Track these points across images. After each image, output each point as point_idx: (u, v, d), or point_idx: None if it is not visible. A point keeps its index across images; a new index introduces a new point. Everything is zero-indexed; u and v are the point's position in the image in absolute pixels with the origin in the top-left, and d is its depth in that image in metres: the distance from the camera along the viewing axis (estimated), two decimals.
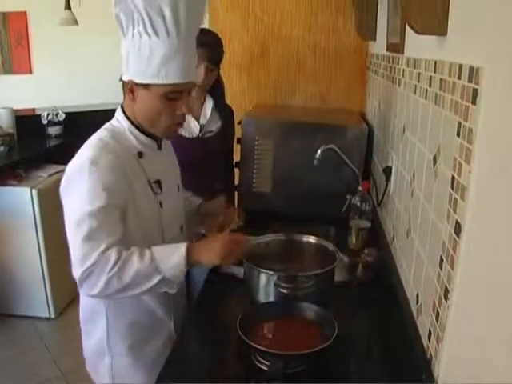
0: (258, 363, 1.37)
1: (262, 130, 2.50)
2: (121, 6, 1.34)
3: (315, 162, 2.23)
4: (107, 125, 1.52)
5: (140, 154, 1.49)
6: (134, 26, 1.36)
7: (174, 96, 1.42)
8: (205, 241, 1.53)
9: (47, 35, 4.87)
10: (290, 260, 1.82)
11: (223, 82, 2.60)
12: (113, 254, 1.34)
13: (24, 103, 4.36)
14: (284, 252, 1.84)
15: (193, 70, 1.46)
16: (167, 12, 1.33)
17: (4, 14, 4.53)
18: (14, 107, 4.12)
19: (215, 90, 2.51)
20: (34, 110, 4.47)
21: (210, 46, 2.30)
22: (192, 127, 2.42)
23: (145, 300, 1.58)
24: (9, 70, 4.62)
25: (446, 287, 1.13)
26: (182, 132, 2.34)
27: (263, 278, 1.64)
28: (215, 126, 2.48)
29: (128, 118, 1.49)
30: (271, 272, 1.62)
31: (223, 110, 2.54)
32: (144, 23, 1.34)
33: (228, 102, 2.75)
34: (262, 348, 1.34)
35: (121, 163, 1.42)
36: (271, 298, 1.62)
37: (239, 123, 2.56)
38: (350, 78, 3.11)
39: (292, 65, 3.13)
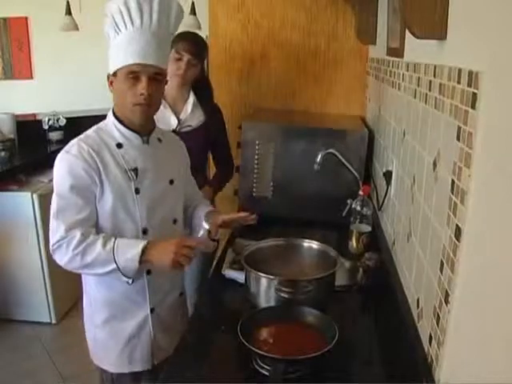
0: (258, 368, 1.37)
1: (262, 134, 2.51)
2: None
3: (316, 167, 2.23)
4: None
5: (119, 145, 1.67)
6: (110, 29, 1.60)
7: (133, 76, 1.59)
8: (162, 243, 1.58)
9: (48, 40, 4.88)
10: (291, 264, 1.82)
11: (211, 85, 2.70)
12: (78, 234, 1.54)
13: (25, 108, 4.37)
14: (285, 256, 1.84)
15: (149, 55, 1.60)
16: (123, 9, 1.55)
17: (5, 19, 4.54)
18: (15, 112, 4.12)
19: (201, 89, 2.59)
20: (34, 115, 4.49)
21: (192, 41, 2.44)
22: (170, 121, 2.49)
23: (119, 283, 1.67)
24: (10, 75, 4.62)
25: (446, 291, 1.13)
26: (160, 125, 2.43)
27: (264, 282, 1.63)
28: (195, 121, 2.54)
29: (114, 115, 1.69)
30: (272, 276, 1.62)
31: (207, 107, 2.59)
32: (113, 26, 1.58)
33: (229, 106, 2.76)
34: (263, 353, 1.34)
35: (94, 152, 1.60)
36: (272, 303, 1.62)
37: (239, 128, 2.56)
38: (351, 82, 3.11)
39: (292, 69, 3.13)
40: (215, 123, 2.62)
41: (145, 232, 1.69)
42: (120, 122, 1.68)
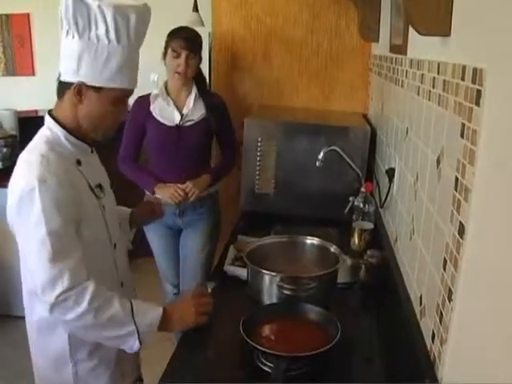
0: (261, 365, 1.37)
1: (264, 131, 2.50)
2: (78, 7, 1.32)
3: (318, 164, 2.23)
4: (41, 137, 1.47)
5: (79, 162, 1.46)
6: (90, 29, 1.35)
7: (122, 100, 1.46)
8: (179, 305, 1.55)
9: (50, 37, 4.86)
10: (293, 261, 1.82)
11: (204, 76, 2.75)
12: (90, 286, 1.33)
13: (27, 105, 4.36)
14: (287, 253, 1.84)
15: (136, 79, 1.48)
16: (133, 20, 1.36)
17: (7, 15, 4.54)
18: (17, 109, 4.12)
19: (200, 82, 2.65)
20: (36, 111, 4.48)
21: (188, 37, 2.50)
22: (174, 116, 2.56)
23: None
24: (12, 71, 4.62)
25: (449, 289, 1.13)
26: (164, 121, 2.56)
27: (266, 279, 1.63)
28: (197, 114, 2.59)
29: (60, 124, 1.45)
30: (274, 273, 1.62)
31: (207, 98, 2.63)
32: (107, 28, 1.34)
33: (231, 103, 2.77)
34: (265, 349, 1.34)
35: (66, 175, 1.39)
36: (274, 300, 1.62)
37: (242, 125, 2.56)
38: (353, 79, 3.10)
39: (295, 66, 3.13)
40: (216, 113, 2.63)
41: (115, 246, 1.59)
42: (71, 133, 1.46)
